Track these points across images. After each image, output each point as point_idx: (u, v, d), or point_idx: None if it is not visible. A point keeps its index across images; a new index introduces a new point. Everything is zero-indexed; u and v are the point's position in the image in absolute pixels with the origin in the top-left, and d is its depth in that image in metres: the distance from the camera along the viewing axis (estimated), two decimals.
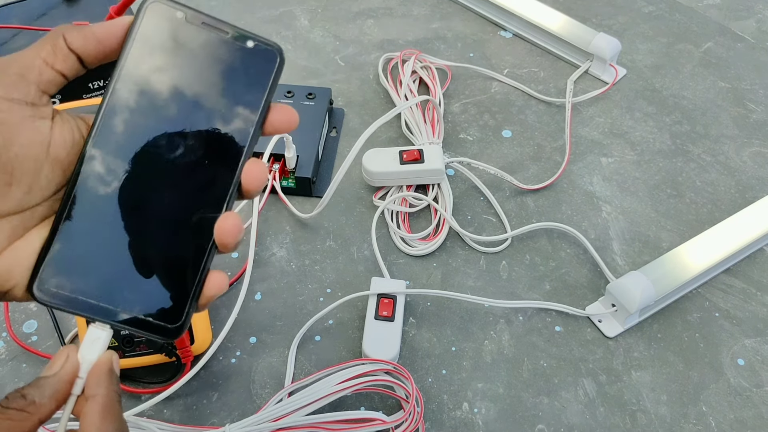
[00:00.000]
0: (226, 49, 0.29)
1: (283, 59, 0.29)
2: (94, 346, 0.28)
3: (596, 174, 0.66)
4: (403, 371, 0.47)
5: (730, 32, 0.83)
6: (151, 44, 0.28)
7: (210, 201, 0.28)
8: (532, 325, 0.54)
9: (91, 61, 0.28)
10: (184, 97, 0.28)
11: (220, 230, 0.28)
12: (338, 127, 0.69)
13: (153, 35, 0.28)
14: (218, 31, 0.28)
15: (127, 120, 0.28)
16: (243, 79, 0.29)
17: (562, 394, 0.50)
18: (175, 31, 0.28)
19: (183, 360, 0.48)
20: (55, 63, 0.27)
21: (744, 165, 0.67)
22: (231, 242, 0.28)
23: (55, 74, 0.27)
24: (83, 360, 0.28)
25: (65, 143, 0.28)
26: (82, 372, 0.28)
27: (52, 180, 0.28)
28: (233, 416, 0.49)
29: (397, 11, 0.84)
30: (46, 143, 0.27)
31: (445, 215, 0.60)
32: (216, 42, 0.28)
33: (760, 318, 0.55)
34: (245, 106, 0.29)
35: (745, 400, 0.50)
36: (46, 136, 0.27)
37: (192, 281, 0.28)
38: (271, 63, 0.29)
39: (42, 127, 0.27)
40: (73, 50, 0.27)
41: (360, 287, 0.56)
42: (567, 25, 0.76)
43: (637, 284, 0.52)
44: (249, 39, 0.29)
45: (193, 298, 0.28)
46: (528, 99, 0.74)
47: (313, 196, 0.63)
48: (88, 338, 0.28)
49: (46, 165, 0.27)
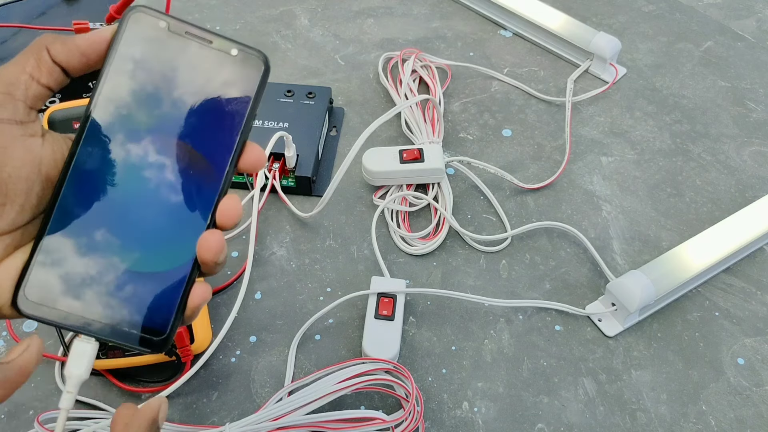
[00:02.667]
0: (211, 58, 0.28)
1: (269, 67, 0.29)
2: (81, 360, 0.28)
3: (596, 173, 0.66)
4: (403, 370, 0.47)
5: (730, 31, 0.83)
6: (134, 55, 0.28)
7: (193, 215, 0.28)
8: (532, 325, 0.54)
9: (76, 73, 0.28)
10: (168, 108, 0.28)
11: (201, 247, 0.28)
12: (338, 127, 0.69)
13: (136, 46, 0.28)
14: (202, 40, 0.28)
15: (110, 135, 0.28)
16: (228, 88, 0.28)
17: (562, 394, 0.51)
18: (158, 41, 0.28)
19: (183, 359, 0.48)
20: (40, 77, 0.27)
21: (744, 164, 0.67)
22: (211, 259, 0.28)
23: (41, 89, 0.27)
24: (70, 375, 0.27)
25: (56, 162, 0.28)
26: (70, 386, 0.28)
27: (43, 198, 0.28)
28: (233, 415, 0.49)
29: (397, 10, 0.84)
30: (37, 162, 0.27)
31: (445, 214, 0.60)
32: (200, 51, 0.28)
33: (759, 317, 0.55)
34: (231, 115, 0.28)
35: (745, 399, 0.50)
36: (37, 154, 0.27)
37: (176, 294, 0.28)
38: (257, 70, 0.29)
39: (33, 145, 0.27)
40: (57, 63, 0.27)
41: (360, 286, 0.56)
42: (567, 25, 0.76)
43: (637, 283, 0.52)
44: (233, 47, 0.28)
45: (179, 311, 0.28)
46: (528, 98, 0.74)
47: (313, 195, 0.63)
48: (74, 352, 0.28)
49: (37, 184, 0.27)
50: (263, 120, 0.64)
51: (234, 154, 0.28)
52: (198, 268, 0.28)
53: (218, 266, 0.28)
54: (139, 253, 0.28)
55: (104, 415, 0.46)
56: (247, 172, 0.29)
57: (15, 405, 0.49)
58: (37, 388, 0.50)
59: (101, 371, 0.49)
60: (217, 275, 0.57)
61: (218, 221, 0.28)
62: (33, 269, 0.27)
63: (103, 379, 0.50)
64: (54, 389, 0.50)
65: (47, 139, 0.28)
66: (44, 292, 0.27)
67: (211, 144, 0.28)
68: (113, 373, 0.49)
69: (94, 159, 0.28)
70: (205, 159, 0.28)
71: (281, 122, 0.64)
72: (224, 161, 0.28)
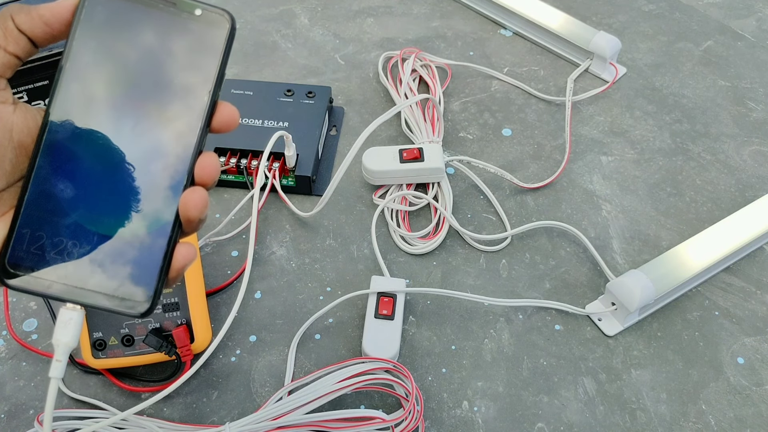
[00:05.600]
0: (176, 20, 0.28)
1: (235, 25, 0.29)
2: (68, 328, 0.28)
3: (596, 172, 0.66)
4: (403, 370, 0.47)
5: (730, 31, 0.83)
6: (98, 22, 0.28)
7: (171, 176, 0.28)
8: (531, 324, 0.54)
9: (42, 43, 0.28)
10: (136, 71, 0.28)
11: (186, 205, 0.28)
12: (338, 126, 0.69)
13: (100, 13, 0.28)
14: (165, 3, 0.28)
15: (80, 102, 0.28)
16: (195, 48, 0.29)
17: (561, 393, 0.51)
18: (122, 7, 0.28)
19: (183, 358, 0.48)
20: (7, 46, 0.27)
21: (744, 164, 0.67)
22: (195, 216, 0.28)
23: (9, 57, 0.27)
24: (58, 343, 0.28)
25: (29, 129, 0.28)
26: (59, 355, 0.28)
27: (17, 165, 0.28)
28: (233, 415, 0.49)
29: (397, 10, 0.84)
30: (9, 128, 0.27)
31: (445, 214, 0.60)
32: (164, 14, 0.28)
33: (759, 316, 0.55)
34: (200, 75, 0.29)
35: (745, 398, 0.51)
36: (8, 121, 0.27)
37: (160, 256, 0.28)
38: (223, 29, 0.29)
39: (3, 112, 0.27)
40: (22, 32, 0.27)
41: (360, 286, 0.56)
42: (567, 24, 0.76)
43: (636, 283, 0.52)
44: (197, 7, 0.29)
45: (162, 273, 0.28)
46: (528, 97, 0.74)
47: (313, 194, 0.63)
48: (60, 320, 0.28)
49: (9, 150, 0.27)
50: (263, 119, 0.64)
51: (206, 113, 0.29)
52: (179, 227, 0.29)
53: (201, 223, 0.29)
54: (119, 217, 0.28)
55: (104, 414, 0.46)
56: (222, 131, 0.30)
57: (15, 404, 0.49)
58: (37, 388, 0.50)
59: (101, 371, 0.49)
60: (217, 275, 0.57)
61: (198, 178, 0.29)
62: (13, 241, 0.27)
63: (103, 378, 0.50)
64: None
65: (19, 108, 0.28)
66: (26, 263, 0.27)
67: (182, 105, 0.28)
68: (113, 372, 0.49)
69: (67, 127, 0.28)
70: (177, 120, 0.28)
71: (281, 122, 0.64)
72: (196, 121, 0.29)
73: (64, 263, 0.28)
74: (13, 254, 0.27)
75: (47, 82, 0.61)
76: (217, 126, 0.29)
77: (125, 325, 0.47)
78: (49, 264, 0.28)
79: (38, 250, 0.28)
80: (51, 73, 0.61)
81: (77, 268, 0.28)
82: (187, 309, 0.48)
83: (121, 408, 0.48)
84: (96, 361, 0.48)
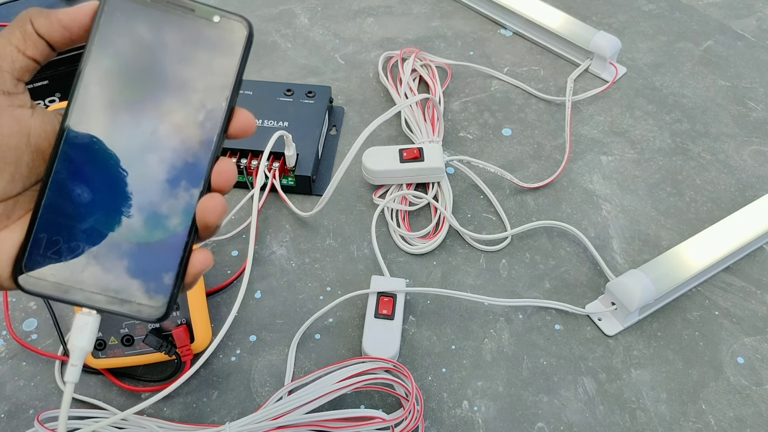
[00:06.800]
0: (194, 26, 0.28)
1: (252, 32, 0.29)
2: (83, 333, 0.28)
3: (596, 172, 0.66)
4: (402, 369, 0.47)
5: (730, 30, 0.83)
6: (117, 27, 0.28)
7: (188, 182, 0.28)
8: (531, 324, 0.54)
9: (60, 47, 0.28)
10: (155, 77, 0.28)
11: (204, 211, 0.28)
12: (338, 126, 0.69)
13: (119, 19, 0.28)
14: (184, 9, 0.28)
15: (99, 106, 0.28)
16: (213, 54, 0.29)
17: (561, 393, 0.51)
18: (140, 13, 0.28)
19: (183, 358, 0.48)
20: (26, 49, 0.27)
21: (744, 163, 0.67)
22: (213, 222, 0.28)
23: (27, 61, 0.27)
24: (74, 348, 0.28)
25: (46, 134, 0.28)
26: (75, 359, 0.28)
27: (33, 169, 0.28)
28: (233, 414, 0.49)
29: (397, 9, 0.84)
30: (26, 132, 0.27)
31: (445, 214, 0.60)
32: (183, 20, 0.28)
33: (759, 316, 0.55)
34: (217, 82, 0.29)
35: (745, 398, 0.51)
36: (26, 124, 0.27)
37: (176, 262, 0.28)
38: (241, 36, 0.29)
39: (21, 116, 0.27)
40: (41, 36, 0.28)
41: (360, 285, 0.56)
42: (567, 24, 0.76)
43: (636, 283, 0.52)
44: (216, 14, 0.29)
45: (179, 278, 0.28)
46: (528, 97, 0.74)
47: (313, 194, 0.63)
48: (76, 325, 0.28)
49: (26, 154, 0.27)
50: (263, 119, 0.64)
51: (223, 119, 0.29)
52: (196, 233, 0.29)
53: (217, 229, 0.29)
54: (136, 222, 0.28)
55: (104, 414, 0.46)
56: (239, 137, 0.30)
57: (15, 404, 0.49)
58: (37, 388, 0.50)
59: (101, 370, 0.49)
60: (217, 275, 0.57)
61: (215, 184, 0.29)
62: (30, 245, 0.27)
63: (103, 378, 0.50)
64: (54, 388, 0.50)
65: (37, 112, 0.28)
66: (42, 267, 0.27)
67: (200, 111, 0.29)
68: (113, 372, 0.49)
69: (85, 132, 0.28)
70: (194, 126, 0.28)
71: (281, 121, 0.64)
72: (214, 127, 0.29)
73: (80, 268, 0.28)
74: (30, 258, 0.27)
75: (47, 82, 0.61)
76: (234, 132, 0.29)
77: (125, 325, 0.47)
78: (66, 269, 0.28)
79: (55, 255, 0.27)
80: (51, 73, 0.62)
81: (93, 273, 0.28)
82: (187, 309, 0.48)
83: (121, 408, 0.48)
84: (96, 360, 0.48)
